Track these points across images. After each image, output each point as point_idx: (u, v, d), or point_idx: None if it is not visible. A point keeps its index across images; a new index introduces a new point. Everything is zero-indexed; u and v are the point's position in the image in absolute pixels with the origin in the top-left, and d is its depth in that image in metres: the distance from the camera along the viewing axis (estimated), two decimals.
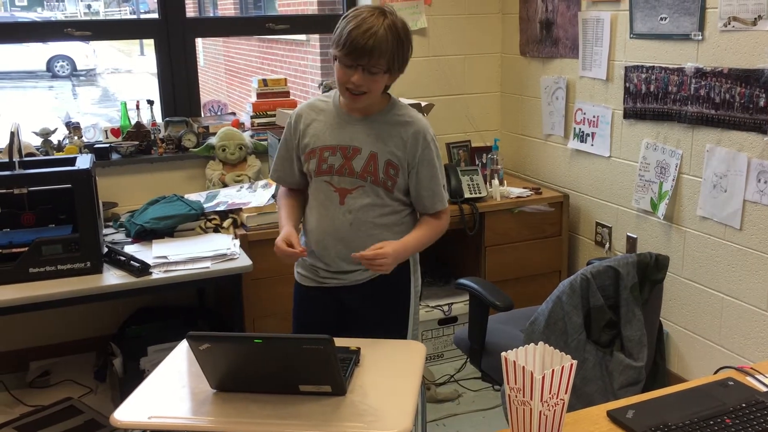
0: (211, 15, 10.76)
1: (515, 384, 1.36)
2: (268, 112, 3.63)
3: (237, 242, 2.81)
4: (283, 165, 2.22)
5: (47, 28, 3.89)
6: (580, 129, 3.46)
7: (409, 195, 2.15)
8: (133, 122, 3.44)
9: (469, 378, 3.30)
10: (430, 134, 2.12)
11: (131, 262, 2.56)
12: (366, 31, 1.92)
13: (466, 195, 3.37)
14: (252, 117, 3.64)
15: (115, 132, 3.47)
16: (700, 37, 2.72)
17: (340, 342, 1.66)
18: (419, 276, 2.27)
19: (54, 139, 3.28)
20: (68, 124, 3.34)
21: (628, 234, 3.26)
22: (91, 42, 11.20)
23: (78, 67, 14.10)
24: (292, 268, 2.29)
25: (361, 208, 2.09)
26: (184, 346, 1.96)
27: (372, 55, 1.94)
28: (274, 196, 3.00)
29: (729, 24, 2.59)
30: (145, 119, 3.50)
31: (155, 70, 3.56)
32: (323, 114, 2.13)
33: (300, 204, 2.22)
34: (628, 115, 3.13)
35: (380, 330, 2.12)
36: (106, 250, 2.64)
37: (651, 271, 2.19)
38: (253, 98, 3.68)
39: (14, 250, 2.50)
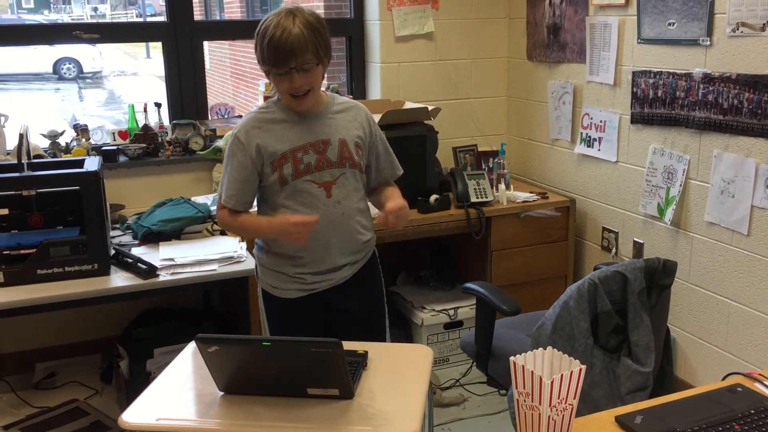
0: (218, 18, 10.79)
1: (524, 389, 1.36)
2: None
3: (243, 245, 2.82)
4: (241, 188, 2.12)
5: (56, 30, 3.91)
6: (587, 134, 3.46)
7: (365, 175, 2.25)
8: (140, 125, 3.46)
9: (475, 382, 3.29)
10: (370, 113, 2.27)
11: (138, 264, 2.56)
12: (281, 35, 1.98)
13: (473, 199, 3.37)
14: None
15: (123, 134, 3.48)
16: (708, 43, 2.72)
17: (347, 345, 1.66)
18: None
19: (62, 141, 3.30)
20: (76, 127, 3.35)
21: (635, 239, 3.25)
22: (98, 44, 11.24)
23: (84, 70, 14.17)
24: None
25: (347, 196, 2.14)
26: (191, 348, 1.96)
27: (296, 54, 1.98)
28: None
29: (737, 29, 2.59)
30: (153, 122, 3.51)
31: (161, 73, 3.57)
32: (275, 122, 2.13)
33: None
34: (635, 120, 3.13)
35: (367, 324, 2.23)
36: (113, 252, 2.65)
37: (659, 276, 2.19)
38: (260, 101, 3.69)
39: (22, 251, 2.50)
